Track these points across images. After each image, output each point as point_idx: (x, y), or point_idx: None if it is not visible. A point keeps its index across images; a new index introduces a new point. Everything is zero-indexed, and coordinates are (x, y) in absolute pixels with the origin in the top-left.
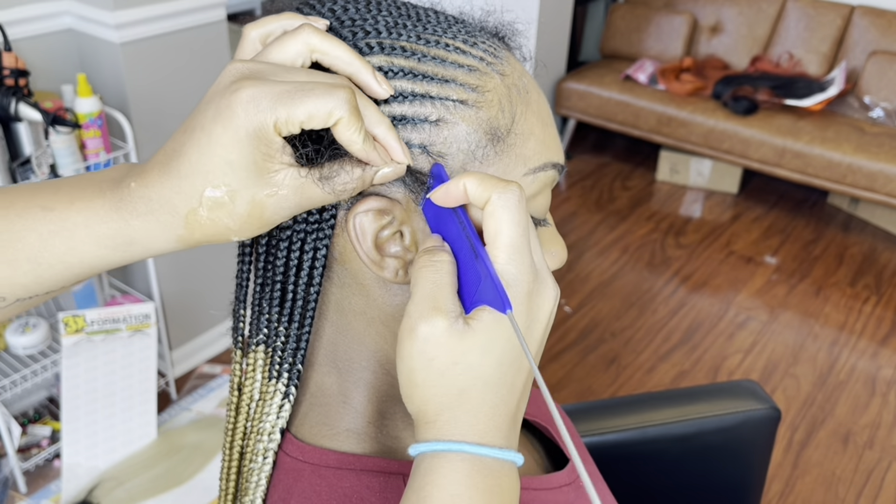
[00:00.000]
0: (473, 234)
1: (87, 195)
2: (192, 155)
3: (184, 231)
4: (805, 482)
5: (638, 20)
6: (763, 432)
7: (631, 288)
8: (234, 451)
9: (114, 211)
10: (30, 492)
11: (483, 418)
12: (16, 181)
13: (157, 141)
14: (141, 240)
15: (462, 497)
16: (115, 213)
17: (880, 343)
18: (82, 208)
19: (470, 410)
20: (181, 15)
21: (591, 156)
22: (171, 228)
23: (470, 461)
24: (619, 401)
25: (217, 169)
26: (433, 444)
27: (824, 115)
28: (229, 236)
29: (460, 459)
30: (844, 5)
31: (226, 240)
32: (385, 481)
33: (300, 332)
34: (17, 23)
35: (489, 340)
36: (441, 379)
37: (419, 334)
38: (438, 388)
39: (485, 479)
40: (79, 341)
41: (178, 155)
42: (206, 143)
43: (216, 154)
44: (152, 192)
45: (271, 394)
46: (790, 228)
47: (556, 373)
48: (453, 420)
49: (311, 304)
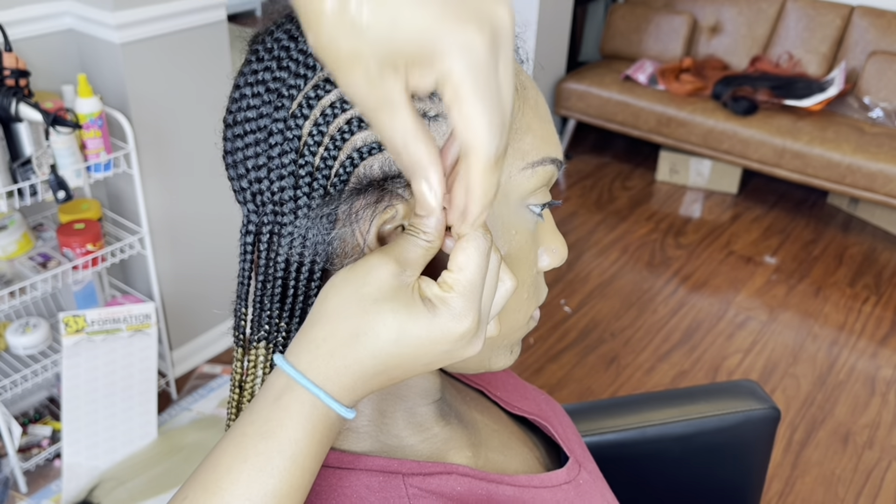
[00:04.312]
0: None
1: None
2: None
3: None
4: (805, 482)
5: (638, 20)
6: (763, 432)
7: (631, 288)
8: None
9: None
10: (30, 492)
11: (349, 375)
12: (16, 181)
13: (158, 141)
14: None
15: (300, 443)
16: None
17: (880, 343)
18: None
19: (344, 359)
20: (181, 15)
21: (591, 156)
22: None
23: (318, 409)
24: (618, 401)
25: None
26: (294, 371)
27: (824, 115)
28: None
29: (311, 404)
30: (844, 5)
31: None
32: (385, 481)
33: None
34: (18, 23)
35: (422, 323)
36: (348, 311)
37: (366, 265)
38: (339, 318)
39: (324, 430)
40: (79, 341)
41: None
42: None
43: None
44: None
45: None
46: (790, 228)
47: (555, 373)
48: (328, 356)
49: (311, 301)
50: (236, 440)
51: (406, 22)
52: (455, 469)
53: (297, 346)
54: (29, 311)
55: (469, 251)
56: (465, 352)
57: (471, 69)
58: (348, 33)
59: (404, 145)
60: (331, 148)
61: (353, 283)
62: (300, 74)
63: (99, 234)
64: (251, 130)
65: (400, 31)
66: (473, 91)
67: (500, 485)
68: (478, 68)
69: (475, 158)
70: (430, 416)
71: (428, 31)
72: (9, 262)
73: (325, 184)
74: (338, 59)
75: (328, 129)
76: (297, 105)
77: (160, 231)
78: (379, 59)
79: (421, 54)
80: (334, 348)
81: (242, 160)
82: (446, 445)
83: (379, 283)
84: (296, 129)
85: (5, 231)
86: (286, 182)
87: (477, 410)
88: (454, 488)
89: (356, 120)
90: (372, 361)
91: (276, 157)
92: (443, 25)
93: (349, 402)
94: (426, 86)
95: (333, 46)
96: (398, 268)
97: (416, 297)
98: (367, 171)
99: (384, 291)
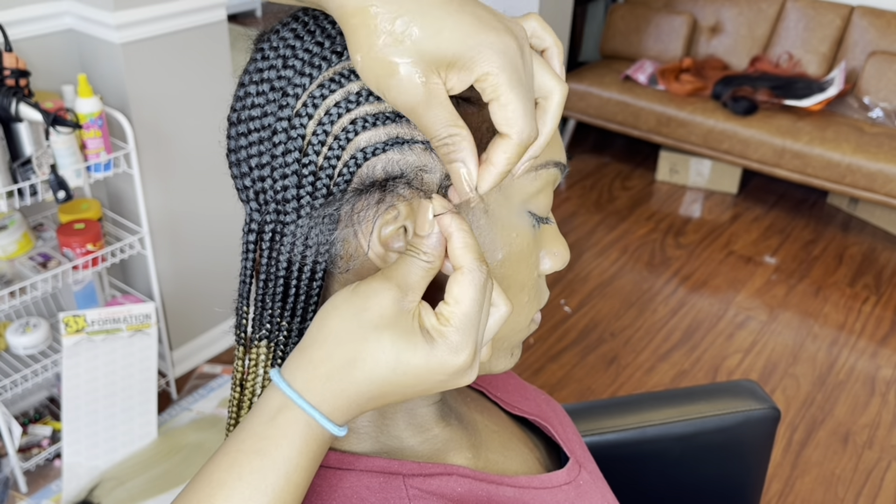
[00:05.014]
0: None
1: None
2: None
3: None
4: (804, 482)
5: (638, 20)
6: (762, 432)
7: (631, 288)
8: None
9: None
10: (30, 491)
11: (345, 398)
12: (16, 181)
13: (158, 141)
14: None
15: (294, 461)
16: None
17: (880, 343)
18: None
19: (341, 382)
20: (181, 15)
21: (591, 156)
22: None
23: (313, 429)
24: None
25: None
26: (291, 391)
27: (824, 115)
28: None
29: (306, 424)
30: (844, 5)
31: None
32: (385, 481)
33: (302, 326)
34: (18, 23)
35: (420, 354)
36: (348, 335)
37: (368, 289)
38: (338, 342)
39: (317, 448)
40: (79, 341)
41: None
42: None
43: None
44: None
45: None
46: (790, 228)
47: (555, 373)
48: (325, 379)
49: (312, 300)
50: (231, 456)
51: (448, 32)
52: (455, 470)
53: (294, 364)
54: (29, 311)
55: (464, 284)
56: (459, 382)
57: (506, 68)
58: (398, 45)
59: (449, 135)
60: (334, 147)
61: (355, 306)
62: (305, 73)
63: (99, 234)
64: (255, 129)
65: (444, 40)
66: (510, 86)
67: (500, 486)
68: (512, 67)
69: (513, 140)
70: (431, 417)
71: (467, 39)
72: (9, 262)
73: (328, 183)
74: (389, 69)
75: (332, 129)
76: (301, 104)
77: (160, 231)
78: (425, 65)
79: (462, 59)
80: (332, 371)
81: (246, 158)
82: (446, 446)
83: (380, 309)
84: (300, 128)
85: (5, 231)
86: (289, 181)
87: (477, 411)
88: (454, 489)
89: (360, 120)
90: (368, 387)
91: (280, 156)
92: (479, 34)
93: (342, 422)
94: (462, 86)
95: (386, 58)
96: (399, 293)
97: (416, 327)
98: (370, 171)
99: (385, 318)
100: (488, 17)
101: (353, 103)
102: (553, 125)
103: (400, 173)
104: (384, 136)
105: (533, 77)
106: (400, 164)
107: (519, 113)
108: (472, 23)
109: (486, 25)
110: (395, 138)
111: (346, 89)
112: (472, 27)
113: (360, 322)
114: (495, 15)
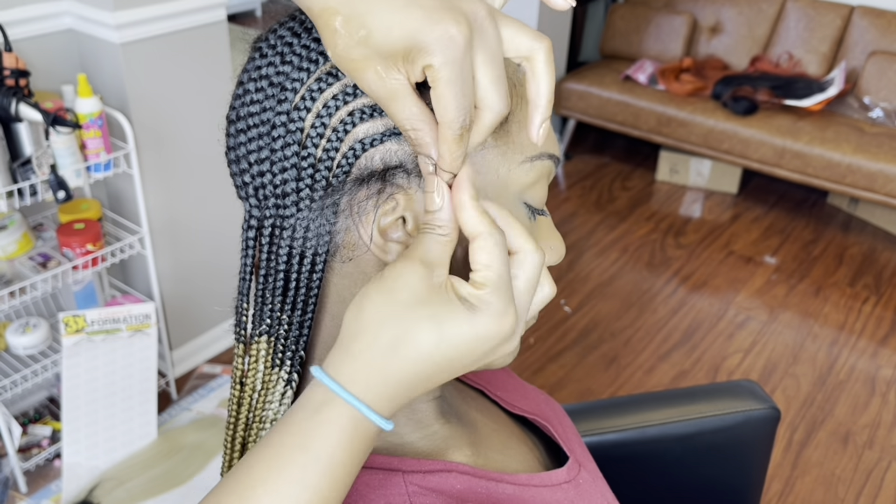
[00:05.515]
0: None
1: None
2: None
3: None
4: (805, 482)
5: (638, 20)
6: (763, 432)
7: (631, 288)
8: (236, 443)
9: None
10: (30, 492)
11: (391, 385)
12: (16, 181)
13: (157, 141)
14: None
15: (338, 456)
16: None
17: (880, 343)
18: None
19: (386, 368)
20: (181, 15)
21: (591, 156)
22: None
23: (358, 422)
24: (618, 401)
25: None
26: (334, 384)
27: (824, 115)
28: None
29: (351, 417)
30: (844, 5)
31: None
32: (384, 478)
33: (302, 318)
34: (18, 23)
35: (463, 323)
36: (385, 320)
37: (393, 273)
38: (377, 329)
39: (362, 443)
40: (79, 341)
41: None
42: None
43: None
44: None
45: (274, 382)
46: (790, 228)
47: (555, 373)
48: (368, 367)
49: (313, 292)
50: (273, 450)
51: (397, 29)
52: (455, 467)
53: (335, 359)
54: (29, 311)
55: (488, 248)
56: (504, 349)
57: (446, 61)
58: (356, 45)
59: (412, 128)
60: (333, 140)
61: (385, 291)
62: (303, 68)
63: (99, 234)
64: (254, 124)
65: (394, 37)
66: (446, 80)
67: (499, 483)
68: (453, 59)
69: (446, 131)
70: (430, 413)
71: (413, 33)
72: (9, 262)
73: (327, 175)
74: (354, 66)
75: (330, 121)
76: (299, 98)
77: (160, 231)
78: (382, 60)
79: (411, 52)
80: (373, 359)
81: (245, 154)
82: (446, 443)
83: (410, 287)
84: (298, 122)
85: (5, 231)
86: (289, 174)
87: (477, 410)
88: (454, 486)
89: (358, 111)
90: (413, 367)
91: (279, 150)
92: (424, 27)
93: (389, 413)
94: (420, 76)
95: (348, 56)
96: (425, 270)
97: (453, 297)
98: (369, 162)
99: (418, 295)
100: (436, 8)
101: (350, 95)
102: (547, 83)
103: (398, 163)
104: (382, 126)
105: (501, 45)
106: (398, 154)
107: (450, 106)
108: (420, 17)
109: (432, 19)
110: (392, 129)
111: (344, 82)
112: (418, 21)
113: (393, 305)
114: (445, 3)
